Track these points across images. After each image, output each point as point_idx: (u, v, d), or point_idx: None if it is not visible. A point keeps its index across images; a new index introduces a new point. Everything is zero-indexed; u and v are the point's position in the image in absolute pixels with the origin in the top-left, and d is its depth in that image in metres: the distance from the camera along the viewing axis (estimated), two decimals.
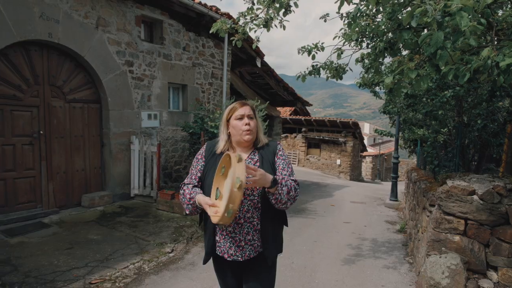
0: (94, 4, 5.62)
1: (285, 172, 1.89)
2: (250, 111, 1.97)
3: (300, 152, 22.41)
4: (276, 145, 2.00)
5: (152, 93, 6.76)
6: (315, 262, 4.44)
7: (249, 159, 1.96)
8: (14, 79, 4.87)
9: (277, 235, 1.99)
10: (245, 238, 1.89)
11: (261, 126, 2.03)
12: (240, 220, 1.88)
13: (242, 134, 1.91)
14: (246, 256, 1.89)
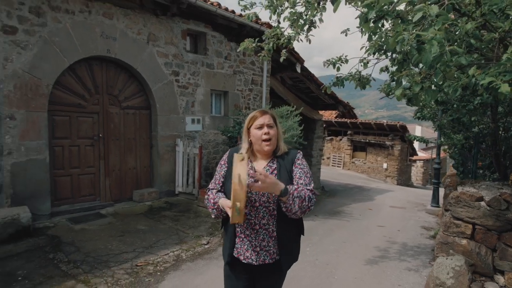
0: (145, 21, 6.34)
1: (301, 181, 1.90)
2: (270, 120, 1.99)
3: (345, 155, 22.21)
4: (295, 154, 2.02)
5: (196, 99, 7.39)
6: (338, 260, 4.70)
7: (267, 167, 1.99)
8: (79, 90, 5.71)
9: (293, 244, 2.03)
10: (261, 244, 1.93)
11: (282, 134, 2.05)
12: (255, 226, 1.93)
13: (261, 144, 1.96)
14: (260, 261, 1.94)
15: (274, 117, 2.03)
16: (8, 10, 4.70)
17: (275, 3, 3.39)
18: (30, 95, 4.93)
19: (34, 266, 3.77)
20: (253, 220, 1.93)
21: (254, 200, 1.92)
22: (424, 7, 1.91)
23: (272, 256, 1.93)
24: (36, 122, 5.01)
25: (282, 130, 2.10)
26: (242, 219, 1.72)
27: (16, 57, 4.78)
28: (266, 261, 1.93)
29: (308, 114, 12.83)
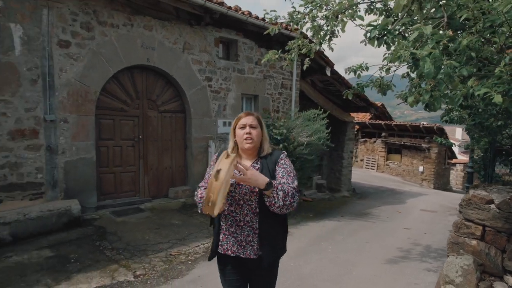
0: (181, 32, 6.85)
1: (284, 180, 1.97)
2: (254, 121, 2.09)
3: (380, 158, 21.88)
4: (279, 155, 2.10)
5: (227, 103, 7.82)
6: (359, 259, 4.90)
7: (251, 167, 2.04)
8: (122, 95, 6.30)
9: (276, 240, 2.10)
10: (246, 239, 2.04)
11: (267, 136, 2.17)
12: (240, 222, 2.04)
13: (243, 142, 2.06)
14: (247, 255, 2.04)
15: (259, 119, 2.14)
16: (63, 26, 5.34)
17: (295, 19, 3.68)
18: (81, 101, 5.56)
19: (84, 251, 4.32)
20: (238, 217, 2.04)
21: (238, 199, 2.02)
22: (419, 27, 2.15)
23: (256, 252, 2.03)
24: (85, 125, 5.63)
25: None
26: (213, 211, 1.76)
27: (69, 68, 5.41)
28: (251, 256, 2.03)
29: (339, 116, 12.91)
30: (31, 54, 5.02)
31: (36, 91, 5.09)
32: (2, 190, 4.84)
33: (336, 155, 13.48)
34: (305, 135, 6.95)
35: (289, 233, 5.69)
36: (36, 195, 5.16)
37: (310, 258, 4.77)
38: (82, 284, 3.54)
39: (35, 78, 5.07)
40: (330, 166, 13.83)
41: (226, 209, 2.04)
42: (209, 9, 6.65)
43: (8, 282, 3.50)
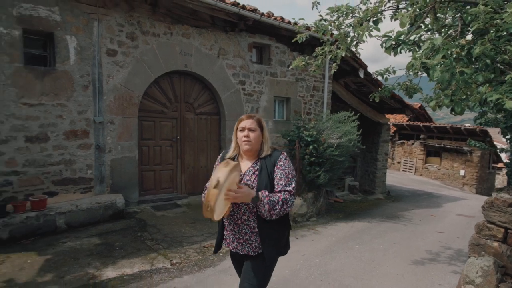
0: (216, 38, 7.24)
1: (281, 182, 2.06)
2: (252, 124, 2.16)
3: (418, 160, 21.26)
4: (278, 156, 2.16)
5: (260, 106, 8.12)
6: (384, 258, 5.00)
7: (251, 167, 2.17)
8: (162, 99, 6.79)
9: (277, 238, 2.15)
10: (243, 237, 2.13)
11: (268, 138, 2.24)
12: (238, 221, 2.13)
13: (242, 144, 2.16)
14: (245, 251, 2.14)
15: (259, 122, 2.22)
16: (111, 37, 5.89)
17: (320, 28, 3.90)
18: (125, 104, 6.09)
19: (127, 240, 4.79)
20: (236, 216, 2.14)
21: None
22: (430, 38, 2.31)
23: (255, 250, 2.12)
24: (129, 126, 6.16)
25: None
26: (212, 216, 1.88)
27: (115, 74, 5.96)
28: (249, 253, 2.13)
29: (373, 117, 12.82)
30: (83, 63, 5.60)
31: (87, 96, 5.66)
32: (58, 184, 5.45)
33: (370, 157, 13.38)
34: (335, 137, 7.09)
35: (317, 232, 5.94)
36: (86, 189, 5.74)
37: (335, 255, 4.94)
38: (125, 268, 3.98)
39: (86, 84, 5.65)
40: (364, 168, 13.75)
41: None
42: (243, 16, 6.99)
43: (64, 264, 4.01)
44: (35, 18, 5.12)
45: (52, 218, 4.95)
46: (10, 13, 4.90)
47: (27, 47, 5.21)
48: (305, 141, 6.99)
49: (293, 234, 5.77)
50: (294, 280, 4.01)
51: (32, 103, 5.15)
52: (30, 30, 5.14)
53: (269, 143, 2.25)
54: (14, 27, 4.95)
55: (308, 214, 6.88)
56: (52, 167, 5.39)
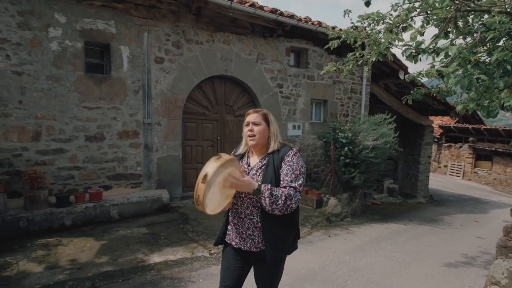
0: (255, 44, 7.61)
1: (287, 178, 1.99)
2: (257, 118, 2.14)
3: (466, 164, 20.28)
4: (286, 152, 2.09)
5: (297, 108, 8.37)
6: (416, 259, 5.06)
7: (259, 163, 2.15)
8: (204, 102, 7.27)
9: (280, 237, 2.07)
10: (246, 232, 2.10)
11: (276, 132, 2.17)
12: (241, 215, 2.12)
13: (247, 138, 2.17)
14: (247, 248, 2.10)
15: (265, 116, 2.18)
16: (159, 45, 6.45)
17: (350, 35, 4.11)
18: (171, 107, 6.63)
19: (171, 231, 5.27)
20: (239, 209, 2.13)
21: (240, 192, 2.09)
22: (446, 47, 2.46)
23: (257, 245, 2.08)
24: (174, 127, 6.69)
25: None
26: (204, 210, 1.92)
27: (162, 80, 6.51)
28: (251, 249, 2.09)
29: (416, 119, 12.55)
30: (135, 70, 6.20)
31: (138, 100, 6.25)
32: (112, 179, 6.08)
33: (412, 160, 13.10)
34: (371, 139, 7.17)
35: (350, 232, 6.09)
36: (136, 184, 6.33)
37: (366, 254, 5.09)
38: (169, 255, 4.43)
39: (137, 89, 6.24)
40: (405, 171, 13.48)
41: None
42: (281, 22, 7.30)
43: (117, 249, 4.55)
44: (94, 31, 5.77)
45: (107, 209, 5.56)
46: (75, 27, 5.58)
47: (87, 57, 5.88)
48: (340, 142, 7.15)
49: (325, 233, 5.98)
50: (323, 274, 4.24)
51: (91, 107, 5.81)
52: (90, 42, 5.81)
53: (279, 138, 2.19)
54: (78, 40, 5.63)
55: (343, 214, 7.02)
56: (107, 163, 6.03)
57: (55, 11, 5.41)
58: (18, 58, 5.18)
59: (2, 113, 5.10)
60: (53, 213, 5.09)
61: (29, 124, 5.32)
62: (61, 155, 5.60)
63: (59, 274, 3.83)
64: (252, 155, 2.24)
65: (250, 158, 2.24)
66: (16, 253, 4.31)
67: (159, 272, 3.96)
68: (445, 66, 2.55)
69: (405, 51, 2.72)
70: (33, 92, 5.32)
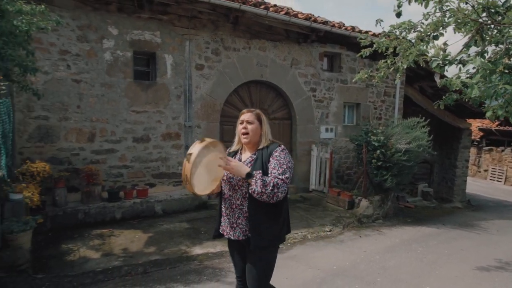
0: (290, 50, 7.90)
1: (274, 171, 2.13)
2: (251, 117, 2.29)
3: (509, 169, 19.40)
4: (274, 148, 2.25)
5: (330, 111, 8.57)
6: (447, 262, 5.13)
7: (250, 158, 2.30)
8: (240, 105, 7.65)
9: (265, 227, 2.20)
10: (236, 221, 2.26)
11: (267, 131, 2.32)
12: (232, 205, 2.27)
13: (241, 136, 2.31)
14: (236, 236, 2.25)
15: (258, 116, 2.33)
16: (199, 53, 6.90)
17: (381, 44, 4.31)
18: (210, 111, 7.06)
19: (210, 227, 5.67)
20: (232, 201, 2.27)
21: (234, 184, 2.26)
22: (471, 59, 2.65)
23: (245, 233, 2.23)
24: (212, 129, 7.12)
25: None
26: (193, 190, 2.07)
27: (202, 85, 6.96)
28: (240, 238, 2.24)
29: (452, 122, 12.31)
30: (177, 76, 6.68)
31: (180, 104, 6.74)
32: (156, 177, 6.60)
33: (449, 163, 12.84)
34: (404, 142, 7.24)
35: (381, 233, 6.24)
36: (177, 183, 6.81)
37: (396, 254, 5.23)
38: (210, 248, 4.82)
39: (179, 94, 6.72)
40: (441, 174, 13.23)
41: (226, 193, 2.31)
42: (314, 29, 7.55)
43: (163, 241, 5.01)
44: (142, 42, 6.31)
45: (152, 205, 6.07)
46: (125, 39, 6.14)
47: (135, 65, 6.42)
48: (372, 145, 7.28)
49: (357, 233, 6.16)
50: (353, 271, 4.46)
51: (138, 111, 6.35)
52: (138, 51, 6.35)
53: (269, 137, 2.34)
54: (127, 50, 6.18)
55: (374, 216, 7.15)
56: (151, 163, 6.55)
57: (108, 25, 5.99)
58: (77, 67, 5.79)
59: (63, 117, 5.73)
60: (106, 207, 5.66)
61: (86, 127, 5.92)
62: (112, 155, 6.17)
63: (114, 260, 4.32)
64: (244, 152, 2.39)
65: (242, 155, 2.39)
66: (76, 241, 4.88)
67: (201, 262, 4.36)
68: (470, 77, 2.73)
69: (433, 63, 2.92)
70: (89, 98, 5.92)
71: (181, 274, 3.96)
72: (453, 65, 3.28)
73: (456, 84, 2.70)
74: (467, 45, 3.09)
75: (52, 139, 5.68)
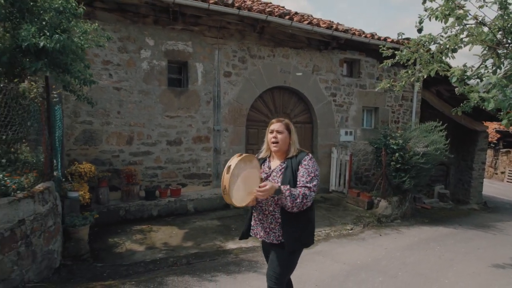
0: (311, 57, 8.29)
1: (303, 179, 2.27)
2: (281, 127, 2.43)
3: None
4: (303, 156, 2.39)
5: (349, 115, 8.92)
6: (464, 259, 5.44)
7: (279, 166, 2.43)
8: (264, 110, 8.08)
9: (297, 230, 2.34)
10: (269, 226, 2.39)
11: (295, 140, 2.47)
12: (265, 211, 2.39)
13: (271, 145, 2.44)
14: (270, 240, 2.39)
15: (287, 126, 2.47)
16: (227, 61, 7.35)
17: (403, 57, 4.67)
18: (236, 115, 7.50)
19: (239, 224, 6.10)
20: (264, 207, 2.41)
21: None
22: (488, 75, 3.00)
23: (278, 238, 2.37)
24: (239, 133, 7.56)
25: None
26: (231, 201, 2.18)
27: (230, 91, 7.40)
28: (273, 241, 2.38)
29: (469, 125, 12.48)
30: (207, 83, 7.14)
31: (209, 109, 7.20)
32: (187, 178, 7.08)
33: (465, 166, 13.00)
34: (421, 146, 7.54)
35: (400, 232, 6.60)
36: (206, 183, 7.28)
37: (415, 252, 5.57)
38: (242, 243, 5.24)
39: (208, 100, 7.18)
40: (457, 176, 13.39)
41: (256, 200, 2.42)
42: (335, 37, 7.91)
43: (198, 236, 5.46)
44: (175, 51, 6.79)
45: (184, 204, 6.54)
46: (160, 49, 6.63)
47: (169, 73, 6.91)
48: (391, 148, 7.61)
49: (376, 232, 6.51)
50: (375, 266, 4.83)
51: (171, 116, 6.83)
52: (172, 61, 6.83)
53: (297, 145, 2.49)
54: (162, 59, 6.67)
55: (393, 216, 7.47)
56: (183, 164, 7.03)
57: (146, 36, 6.48)
58: (118, 76, 6.30)
59: (105, 122, 6.25)
60: (144, 205, 6.15)
61: (125, 131, 6.43)
62: (148, 157, 6.67)
63: (157, 253, 4.79)
64: (273, 159, 2.54)
65: (271, 162, 2.54)
66: (120, 235, 5.37)
67: (237, 256, 4.80)
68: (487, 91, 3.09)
69: (452, 78, 3.28)
70: (128, 104, 6.42)
71: (221, 265, 4.40)
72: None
73: (474, 98, 3.05)
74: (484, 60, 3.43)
75: (95, 142, 6.21)
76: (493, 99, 2.93)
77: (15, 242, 3.02)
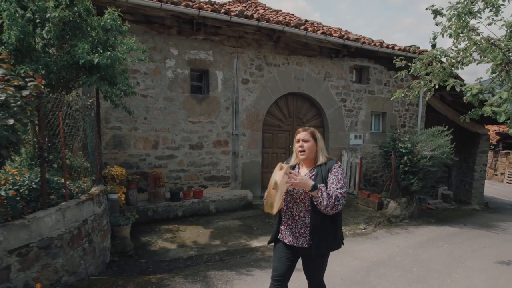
0: (323, 64, 8.69)
1: (333, 185, 2.31)
2: (306, 136, 2.47)
3: None
4: (333, 164, 2.43)
5: (358, 120, 9.33)
6: (471, 256, 5.85)
7: (308, 173, 2.47)
8: (279, 115, 8.48)
9: (326, 235, 2.39)
10: (299, 231, 2.43)
11: (323, 147, 2.51)
12: (295, 217, 2.45)
13: (297, 153, 2.50)
14: (299, 244, 2.42)
15: (313, 134, 2.51)
16: (245, 69, 7.74)
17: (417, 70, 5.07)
18: (253, 120, 7.90)
19: (260, 224, 6.50)
20: (294, 212, 2.46)
21: (295, 197, 2.45)
22: (498, 92, 3.40)
23: (308, 242, 2.41)
24: (255, 137, 7.95)
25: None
26: (273, 212, 2.28)
27: (247, 98, 7.80)
28: (303, 245, 2.42)
29: (471, 128, 12.90)
30: (226, 90, 7.53)
31: (228, 115, 7.58)
32: (208, 180, 7.46)
33: (467, 167, 13.42)
34: (428, 149, 7.95)
35: (409, 231, 7.01)
36: (225, 185, 7.67)
37: (426, 249, 5.98)
38: (265, 242, 5.58)
39: (228, 106, 7.57)
40: (459, 178, 13.81)
41: (285, 205, 2.51)
42: (346, 45, 8.32)
43: (223, 235, 5.85)
44: (197, 60, 7.17)
45: (207, 204, 6.92)
46: (184, 58, 7.01)
47: (191, 81, 7.29)
48: (400, 152, 8.01)
49: (388, 231, 6.91)
50: (391, 262, 5.23)
51: (194, 121, 7.21)
52: (194, 69, 7.22)
53: (325, 153, 2.53)
54: (186, 68, 7.05)
55: (401, 216, 7.88)
56: (204, 167, 7.41)
57: (170, 46, 6.87)
58: (145, 84, 6.68)
59: (133, 127, 6.63)
60: (170, 206, 6.53)
61: (151, 136, 6.81)
62: (172, 160, 7.05)
63: (189, 250, 5.17)
64: (302, 166, 2.60)
65: (300, 169, 2.60)
66: (151, 234, 5.75)
67: (263, 253, 5.18)
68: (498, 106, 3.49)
69: (466, 93, 3.69)
70: (154, 110, 6.80)
71: (253, 261, 4.79)
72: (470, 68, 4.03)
73: (487, 111, 3.44)
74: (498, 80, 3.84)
75: (124, 146, 6.59)
76: (504, 113, 3.33)
77: (81, 239, 3.40)
